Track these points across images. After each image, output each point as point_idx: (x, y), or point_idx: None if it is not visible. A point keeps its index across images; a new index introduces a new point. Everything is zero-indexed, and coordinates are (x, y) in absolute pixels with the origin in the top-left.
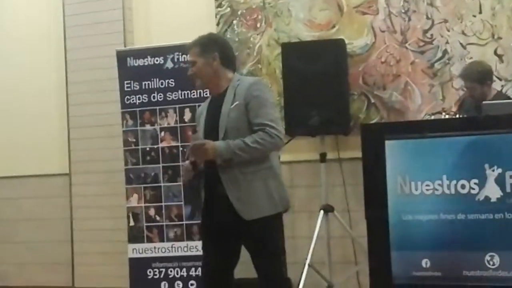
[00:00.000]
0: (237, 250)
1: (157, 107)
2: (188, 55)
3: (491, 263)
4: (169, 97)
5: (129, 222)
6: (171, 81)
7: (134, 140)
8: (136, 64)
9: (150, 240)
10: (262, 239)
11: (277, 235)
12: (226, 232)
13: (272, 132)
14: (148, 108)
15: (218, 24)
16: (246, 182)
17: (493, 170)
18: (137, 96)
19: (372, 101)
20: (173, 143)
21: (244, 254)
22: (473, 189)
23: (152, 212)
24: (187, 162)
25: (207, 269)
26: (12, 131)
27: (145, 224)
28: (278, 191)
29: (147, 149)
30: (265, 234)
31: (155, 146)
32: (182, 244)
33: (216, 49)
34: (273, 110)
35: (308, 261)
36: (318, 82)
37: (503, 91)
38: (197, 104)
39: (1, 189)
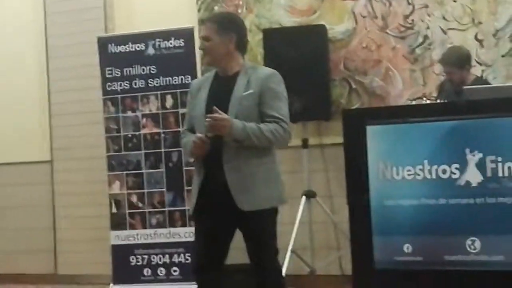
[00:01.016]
0: (229, 238)
1: (139, 94)
2: (203, 29)
3: (472, 247)
4: (151, 84)
5: (111, 209)
6: (153, 68)
7: (116, 127)
8: (117, 51)
9: (132, 226)
10: (256, 230)
11: (272, 227)
12: (220, 219)
13: (286, 127)
14: (129, 94)
15: (199, 10)
16: (249, 173)
17: (474, 155)
18: (119, 83)
19: (353, 86)
20: (155, 130)
21: (236, 240)
22: (454, 174)
23: (134, 198)
24: (201, 135)
25: (199, 256)
26: None
27: (127, 211)
28: (277, 186)
29: (129, 135)
30: (260, 225)
31: (137, 133)
32: (165, 230)
33: (235, 31)
34: (286, 106)
35: (290, 247)
36: (300, 67)
37: (484, 76)
38: (178, 91)
39: None
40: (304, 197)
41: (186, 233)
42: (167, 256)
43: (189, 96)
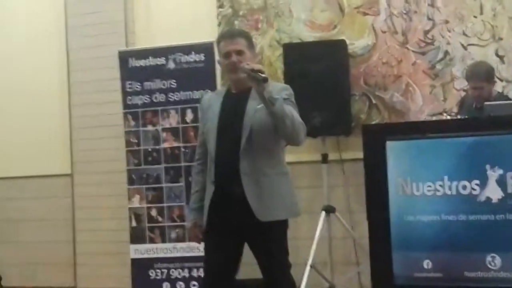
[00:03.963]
0: (239, 254)
1: (159, 108)
2: (233, 43)
3: (492, 264)
4: (171, 98)
5: (131, 223)
6: (173, 82)
7: (136, 140)
8: (137, 65)
9: (152, 240)
10: (272, 241)
11: (284, 241)
12: (231, 235)
13: (305, 130)
14: (150, 108)
15: (219, 25)
16: (268, 184)
17: (494, 171)
18: (139, 97)
19: (374, 101)
20: (175, 144)
21: (248, 255)
22: (474, 190)
23: (154, 212)
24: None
25: (209, 273)
26: (14, 131)
27: (147, 225)
28: (291, 197)
29: (149, 149)
30: (275, 236)
31: (157, 147)
32: (184, 245)
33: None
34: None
35: (309, 262)
36: (320, 82)
37: (504, 92)
38: (198, 105)
39: (3, 189)
40: (323, 212)
41: None
42: (186, 270)
43: (200, 112)
